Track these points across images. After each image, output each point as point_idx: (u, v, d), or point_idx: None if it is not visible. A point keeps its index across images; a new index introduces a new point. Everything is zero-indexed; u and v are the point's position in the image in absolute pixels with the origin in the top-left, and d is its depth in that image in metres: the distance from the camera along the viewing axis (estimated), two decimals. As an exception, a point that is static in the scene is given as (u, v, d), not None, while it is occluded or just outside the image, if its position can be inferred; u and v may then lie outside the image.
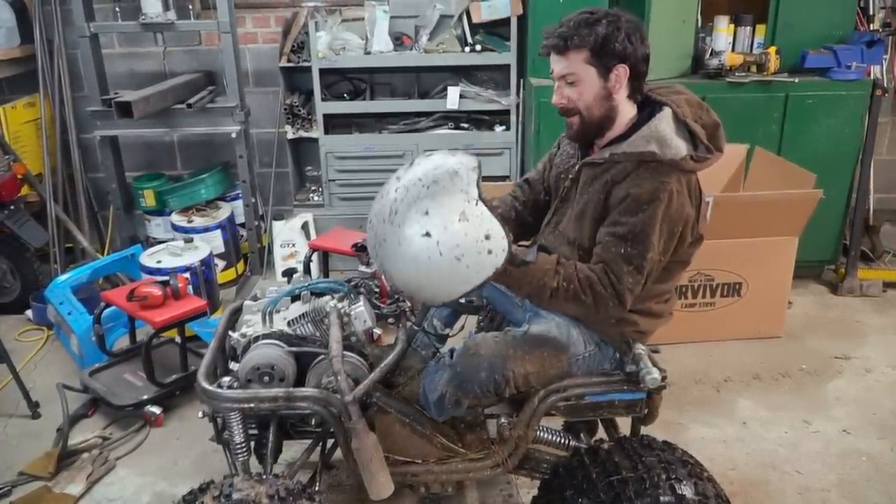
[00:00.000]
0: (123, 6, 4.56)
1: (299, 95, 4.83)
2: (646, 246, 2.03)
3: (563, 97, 2.14)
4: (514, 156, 4.71)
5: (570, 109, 2.14)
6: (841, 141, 4.24)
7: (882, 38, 4.18)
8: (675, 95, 2.18)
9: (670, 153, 2.03)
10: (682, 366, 3.66)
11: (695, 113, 2.14)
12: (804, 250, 3.90)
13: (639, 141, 2.07)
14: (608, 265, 2.05)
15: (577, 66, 2.07)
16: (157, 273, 3.73)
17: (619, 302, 2.06)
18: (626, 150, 2.08)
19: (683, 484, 1.98)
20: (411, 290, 2.01)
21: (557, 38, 2.06)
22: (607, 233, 2.07)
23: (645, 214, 2.02)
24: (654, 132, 2.06)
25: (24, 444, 3.17)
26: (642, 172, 2.05)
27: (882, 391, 3.52)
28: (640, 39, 2.07)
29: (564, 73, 2.10)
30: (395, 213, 1.93)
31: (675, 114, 2.10)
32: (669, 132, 2.06)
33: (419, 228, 1.88)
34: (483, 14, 4.49)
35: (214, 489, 1.98)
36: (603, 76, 2.07)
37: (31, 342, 4.05)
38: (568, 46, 2.05)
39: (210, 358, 2.32)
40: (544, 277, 2.05)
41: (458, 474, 2.38)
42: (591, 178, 2.17)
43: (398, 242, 1.91)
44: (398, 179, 2.00)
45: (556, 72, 2.12)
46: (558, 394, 2.26)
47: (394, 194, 1.96)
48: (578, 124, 2.16)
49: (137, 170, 5.07)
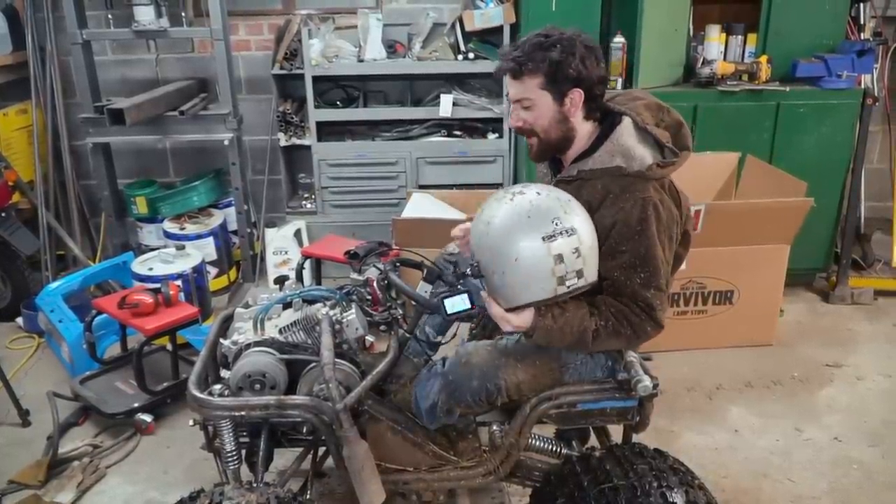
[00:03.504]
0: (116, 13, 4.55)
1: (292, 103, 4.84)
2: (656, 264, 2.03)
3: (519, 119, 2.16)
4: (507, 163, 4.72)
5: (528, 131, 2.17)
6: (832, 149, 4.26)
7: (873, 47, 4.21)
8: (632, 102, 2.18)
9: (636, 164, 2.04)
10: (673, 373, 3.66)
11: (655, 116, 2.15)
12: (796, 258, 3.91)
13: (604, 157, 2.07)
14: (632, 295, 2.05)
15: (532, 91, 2.08)
16: (149, 280, 3.71)
17: (655, 324, 2.07)
18: (592, 168, 2.09)
19: (675, 492, 1.98)
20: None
21: (512, 61, 2.06)
22: (615, 266, 2.05)
23: (643, 236, 2.02)
24: (617, 146, 2.06)
25: (14, 453, 3.15)
26: (616, 191, 2.04)
27: (873, 399, 3.53)
28: (596, 62, 2.08)
29: (519, 97, 2.11)
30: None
31: (634, 122, 2.11)
32: (632, 143, 2.06)
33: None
34: (476, 22, 4.50)
35: (205, 497, 1.97)
36: (558, 101, 2.08)
37: (22, 350, 4.03)
38: (522, 72, 2.06)
39: (201, 365, 2.31)
40: (583, 321, 2.06)
41: (450, 482, 2.37)
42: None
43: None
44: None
45: (512, 95, 2.14)
46: (550, 401, 2.26)
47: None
48: (537, 145, 2.19)
49: (129, 177, 5.06)
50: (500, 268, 1.98)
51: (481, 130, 4.81)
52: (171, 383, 3.35)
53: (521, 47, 2.06)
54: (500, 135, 4.72)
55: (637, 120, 2.11)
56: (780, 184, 3.81)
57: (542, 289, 1.97)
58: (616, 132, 2.09)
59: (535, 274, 1.95)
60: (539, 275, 1.95)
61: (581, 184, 2.11)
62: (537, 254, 1.93)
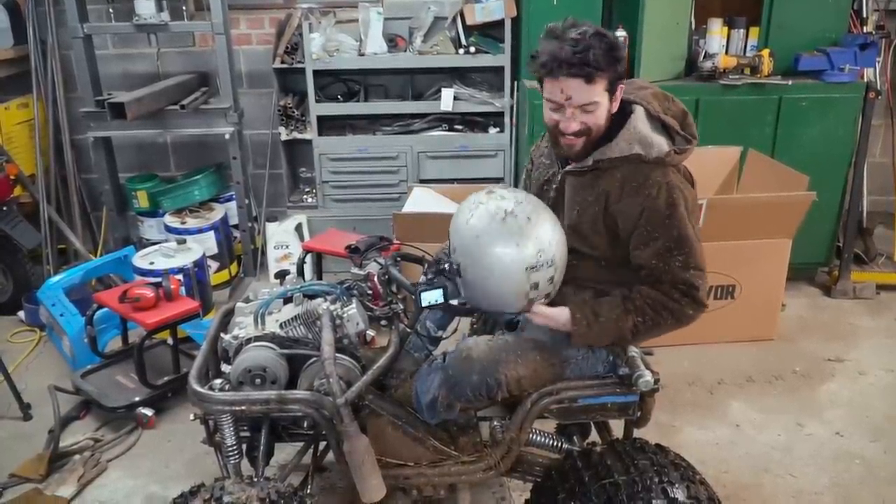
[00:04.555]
0: (117, 7, 4.55)
1: (293, 97, 4.83)
2: (691, 244, 2.06)
3: (577, 124, 2.06)
4: (508, 158, 4.71)
5: (584, 133, 2.09)
6: (834, 143, 4.26)
7: (875, 40, 4.18)
8: (640, 91, 2.19)
9: (654, 151, 2.06)
10: (675, 368, 3.66)
11: (663, 105, 2.16)
12: (797, 252, 3.90)
13: (622, 145, 2.08)
14: (672, 280, 2.07)
15: (600, 93, 2.02)
16: (150, 274, 3.72)
17: (697, 304, 2.10)
18: (611, 156, 2.08)
19: (676, 487, 1.98)
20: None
21: (588, 66, 1.97)
22: (650, 254, 2.07)
23: (673, 219, 2.05)
24: (635, 133, 2.07)
25: (15, 446, 3.15)
26: (639, 179, 2.06)
27: (875, 394, 3.53)
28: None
29: (587, 101, 2.03)
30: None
31: (646, 111, 2.12)
32: (647, 131, 2.08)
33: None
34: (477, 16, 4.49)
35: (205, 492, 1.98)
36: (611, 97, 2.07)
37: (23, 343, 4.03)
38: (595, 78, 1.99)
39: (202, 360, 2.31)
40: (619, 323, 2.09)
41: (451, 477, 2.37)
42: (579, 187, 2.17)
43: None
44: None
45: (576, 99, 2.03)
46: (551, 396, 2.26)
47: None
48: (583, 144, 2.11)
49: (131, 171, 5.06)
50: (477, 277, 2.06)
51: (482, 125, 4.80)
52: (171, 377, 3.35)
53: (591, 50, 1.96)
54: (501, 129, 4.70)
55: (649, 108, 2.12)
56: (782, 178, 3.81)
57: (509, 304, 2.10)
58: (631, 120, 2.10)
59: (507, 295, 2.06)
60: (510, 297, 2.07)
61: (598, 174, 2.12)
62: (516, 278, 2.01)
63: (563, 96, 2.03)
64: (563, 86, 2.02)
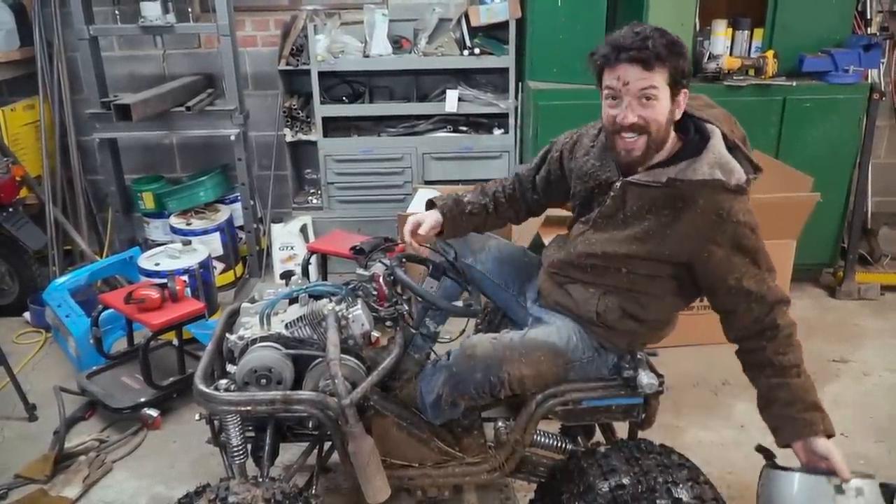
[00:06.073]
0: (123, 9, 4.56)
1: (298, 98, 4.84)
2: (766, 254, 2.11)
3: (634, 115, 2.00)
4: (513, 159, 4.72)
5: (640, 128, 2.01)
6: (838, 144, 4.25)
7: (879, 41, 4.18)
8: (710, 110, 2.15)
9: (734, 179, 2.03)
10: (680, 369, 3.66)
11: (730, 128, 2.14)
12: (802, 253, 3.90)
13: (704, 168, 2.02)
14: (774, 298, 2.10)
15: (659, 83, 1.96)
16: (156, 275, 3.72)
17: (786, 304, 2.15)
18: (692, 178, 2.03)
19: (680, 487, 1.98)
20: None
21: (647, 51, 1.93)
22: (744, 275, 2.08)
23: (755, 237, 2.07)
24: (718, 158, 2.04)
25: (20, 447, 3.16)
26: (725, 209, 2.03)
27: (880, 395, 3.53)
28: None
29: (646, 86, 1.96)
30: None
31: (724, 135, 2.09)
32: (728, 157, 2.05)
33: None
34: (482, 17, 4.49)
35: (210, 492, 1.99)
36: (672, 99, 2.01)
37: (29, 344, 4.05)
38: (653, 64, 1.94)
39: (207, 360, 2.32)
40: (796, 383, 2.15)
41: (455, 478, 2.38)
42: (649, 202, 2.10)
43: None
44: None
45: (634, 86, 1.97)
46: (556, 398, 2.27)
47: None
48: (644, 144, 2.04)
49: (136, 172, 5.07)
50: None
51: (487, 126, 4.80)
52: (177, 378, 3.36)
53: (651, 39, 1.94)
54: (506, 130, 4.71)
55: (726, 132, 2.09)
56: (786, 179, 3.80)
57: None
58: (713, 144, 2.06)
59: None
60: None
61: (673, 194, 2.06)
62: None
63: (621, 82, 1.98)
64: (621, 72, 1.98)
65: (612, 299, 2.22)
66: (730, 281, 2.08)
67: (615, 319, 2.22)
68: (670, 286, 2.21)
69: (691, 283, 2.20)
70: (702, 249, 2.07)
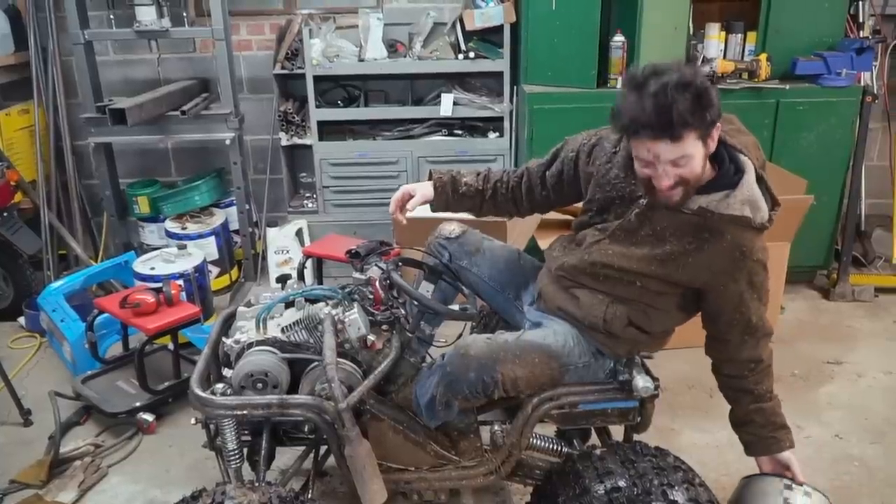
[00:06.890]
0: (118, 13, 4.55)
1: (293, 102, 4.84)
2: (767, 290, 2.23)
3: (672, 179, 1.95)
4: (508, 162, 4.72)
5: (680, 184, 1.98)
6: (832, 147, 4.27)
7: (872, 44, 4.20)
8: (742, 137, 2.12)
9: (759, 217, 2.02)
10: (675, 371, 3.66)
11: (757, 156, 2.13)
12: (796, 256, 3.91)
13: (736, 205, 2.00)
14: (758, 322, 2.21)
15: (691, 146, 1.90)
16: (151, 280, 3.72)
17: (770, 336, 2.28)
18: (723, 212, 2.01)
19: (676, 490, 1.99)
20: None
21: (672, 123, 1.84)
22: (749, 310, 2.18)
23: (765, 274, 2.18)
24: (750, 195, 2.01)
25: (15, 452, 3.16)
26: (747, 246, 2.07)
27: (874, 396, 3.54)
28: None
29: (677, 157, 1.91)
30: None
31: (755, 169, 2.07)
32: (758, 195, 2.03)
33: None
34: (476, 21, 4.50)
35: (207, 497, 1.98)
36: (705, 143, 1.94)
37: (24, 349, 4.03)
38: (683, 130, 1.86)
39: (203, 364, 2.32)
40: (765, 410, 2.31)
41: (452, 481, 2.38)
42: (675, 226, 2.09)
43: None
44: None
45: (665, 157, 1.91)
46: (552, 401, 2.27)
47: None
48: (684, 193, 2.00)
49: (131, 176, 5.07)
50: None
51: (482, 129, 4.81)
52: (172, 382, 3.36)
53: (674, 105, 1.82)
54: (501, 134, 4.72)
55: (756, 166, 2.07)
56: (780, 181, 3.76)
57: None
58: (746, 180, 2.03)
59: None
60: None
61: (701, 224, 2.05)
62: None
63: (651, 154, 1.93)
64: (649, 146, 1.92)
65: (621, 308, 2.22)
66: (735, 314, 2.16)
67: (620, 328, 2.23)
68: (677, 302, 2.25)
69: (697, 301, 2.26)
70: (718, 282, 2.12)
